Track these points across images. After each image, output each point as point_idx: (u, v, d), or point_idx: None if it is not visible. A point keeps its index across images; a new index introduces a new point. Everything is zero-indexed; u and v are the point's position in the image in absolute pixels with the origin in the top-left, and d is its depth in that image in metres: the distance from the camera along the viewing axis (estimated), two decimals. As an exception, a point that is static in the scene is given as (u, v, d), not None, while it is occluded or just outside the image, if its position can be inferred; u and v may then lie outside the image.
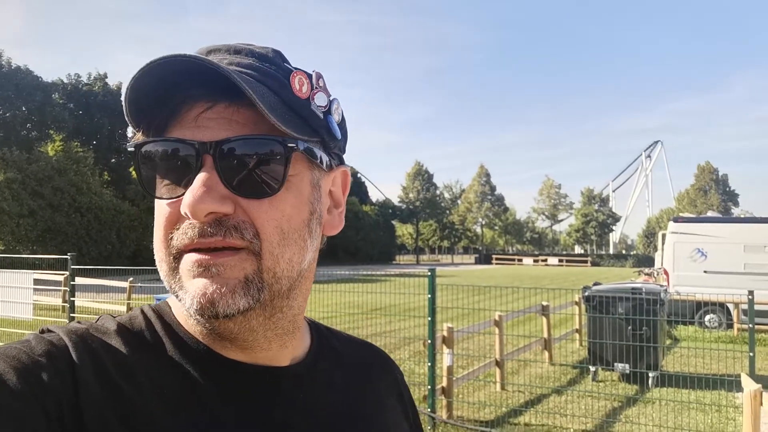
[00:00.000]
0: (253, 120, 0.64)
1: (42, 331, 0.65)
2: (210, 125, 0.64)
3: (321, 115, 0.70)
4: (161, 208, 0.65)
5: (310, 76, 0.70)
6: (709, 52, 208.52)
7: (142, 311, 0.72)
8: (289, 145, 0.65)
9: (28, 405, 0.54)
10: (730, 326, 13.35)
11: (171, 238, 0.64)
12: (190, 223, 0.62)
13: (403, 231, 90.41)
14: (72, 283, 9.11)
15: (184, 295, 0.63)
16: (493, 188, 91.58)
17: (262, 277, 0.64)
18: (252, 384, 0.69)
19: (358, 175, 79.56)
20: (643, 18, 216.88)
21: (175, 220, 0.64)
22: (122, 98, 0.63)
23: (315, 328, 0.85)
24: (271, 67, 0.68)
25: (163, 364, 0.66)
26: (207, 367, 0.67)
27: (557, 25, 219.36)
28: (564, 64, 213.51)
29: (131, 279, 12.25)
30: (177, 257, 0.64)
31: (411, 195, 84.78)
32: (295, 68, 0.71)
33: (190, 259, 0.63)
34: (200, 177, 0.62)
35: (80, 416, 0.57)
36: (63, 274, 11.23)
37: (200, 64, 0.60)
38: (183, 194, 0.62)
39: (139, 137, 0.66)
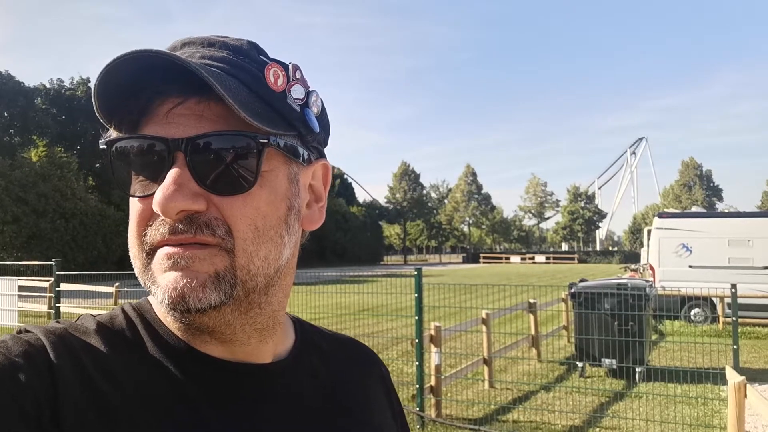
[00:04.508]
0: (225, 115, 0.63)
1: (19, 332, 0.64)
2: (180, 121, 0.63)
3: (298, 108, 0.69)
4: (134, 206, 0.64)
5: (286, 68, 0.69)
6: (690, 49, 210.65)
7: (123, 310, 0.71)
8: (261, 140, 0.63)
9: (5, 406, 0.53)
10: (715, 320, 13.47)
11: (144, 235, 0.63)
12: (162, 220, 0.62)
13: (391, 231, 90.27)
14: (57, 289, 9.03)
15: (157, 289, 0.62)
16: (479, 187, 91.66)
17: (235, 274, 0.63)
18: (234, 381, 0.68)
19: (345, 176, 79.46)
20: (624, 16, 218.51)
21: (147, 217, 0.63)
22: (91, 94, 0.62)
23: (299, 324, 0.84)
24: (245, 60, 0.67)
25: (143, 362, 0.65)
26: (188, 365, 0.66)
27: (540, 24, 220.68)
28: (547, 63, 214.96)
29: (117, 284, 12.19)
30: (150, 253, 0.63)
31: (398, 195, 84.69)
32: (271, 60, 0.69)
33: (161, 253, 0.62)
34: (171, 174, 0.61)
35: (59, 417, 0.56)
36: (48, 281, 11.15)
37: (169, 59, 0.59)
38: (155, 191, 0.62)
39: (112, 134, 0.65)
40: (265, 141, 0.64)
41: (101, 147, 0.65)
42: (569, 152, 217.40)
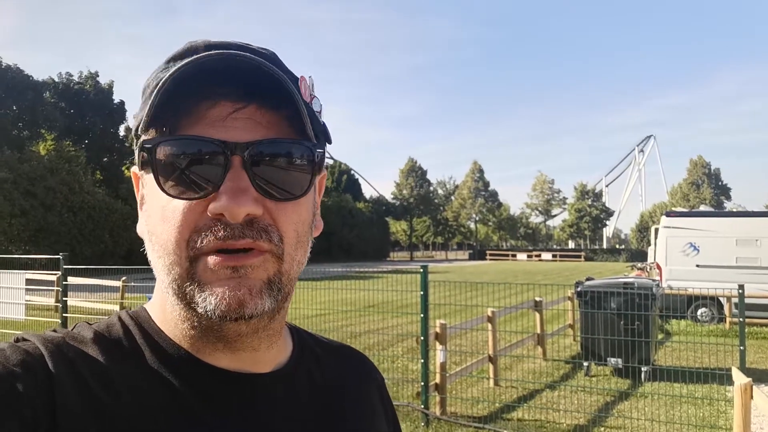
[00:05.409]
0: (275, 122, 0.65)
1: (17, 340, 0.64)
2: (237, 126, 0.63)
3: (321, 120, 0.71)
4: (177, 209, 0.62)
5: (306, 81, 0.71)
6: (696, 46, 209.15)
7: (120, 318, 0.71)
8: (318, 150, 0.66)
9: (4, 415, 0.54)
10: (722, 320, 13.41)
11: (191, 240, 0.62)
12: (221, 224, 0.61)
13: (397, 228, 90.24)
14: (64, 282, 9.07)
15: (208, 296, 0.62)
16: (486, 184, 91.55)
17: (281, 279, 0.65)
18: (234, 391, 0.68)
19: (352, 172, 79.47)
20: (630, 13, 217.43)
21: (195, 221, 0.62)
22: (157, 86, 0.60)
23: (296, 333, 0.84)
24: (282, 70, 0.67)
25: (142, 371, 0.65)
26: (187, 374, 0.66)
27: (545, 22, 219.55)
28: (552, 60, 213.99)
29: (124, 278, 12.21)
30: (195, 259, 0.62)
31: (404, 191, 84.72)
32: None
33: (215, 260, 0.62)
34: (235, 178, 0.61)
35: (57, 426, 0.56)
36: (55, 274, 11.18)
37: (249, 62, 0.61)
38: (205, 194, 0.61)
39: (152, 134, 0.64)
40: (321, 150, 0.67)
41: (146, 147, 0.62)
42: (576, 150, 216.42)
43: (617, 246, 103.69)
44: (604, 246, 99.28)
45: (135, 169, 0.70)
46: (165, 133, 0.63)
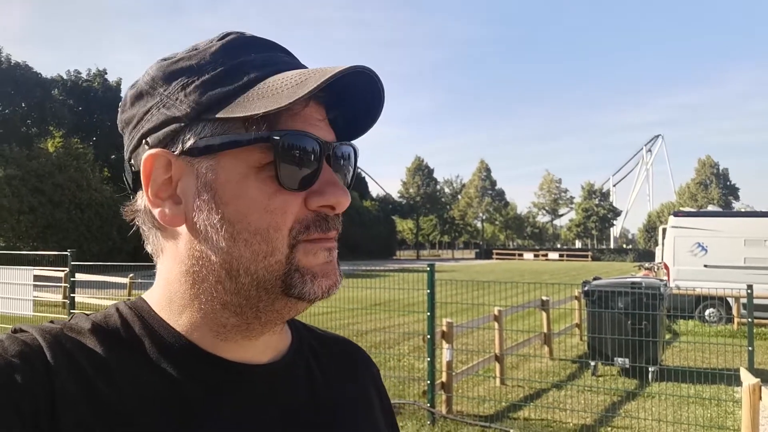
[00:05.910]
0: (328, 122, 0.71)
1: (15, 331, 0.64)
2: (323, 126, 0.68)
3: None
4: (288, 200, 0.65)
5: None
6: (706, 46, 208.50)
7: (117, 309, 0.70)
8: (356, 151, 0.74)
9: (2, 406, 0.54)
10: (730, 320, 13.35)
11: (292, 229, 0.65)
12: (324, 216, 0.67)
13: (404, 226, 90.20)
14: (72, 279, 9.10)
15: (309, 279, 0.66)
16: (493, 183, 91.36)
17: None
18: (234, 381, 0.68)
19: (358, 170, 79.47)
20: (639, 12, 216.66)
21: (297, 211, 0.65)
22: (312, 81, 0.61)
23: (293, 324, 0.84)
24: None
25: (140, 362, 0.65)
26: (187, 363, 0.66)
27: (554, 20, 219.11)
28: (561, 59, 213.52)
29: (131, 275, 12.26)
30: (293, 246, 0.65)
31: (411, 190, 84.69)
32: None
33: (315, 246, 0.66)
34: (329, 173, 0.67)
35: (56, 417, 0.56)
36: (63, 271, 11.23)
37: (368, 74, 0.65)
38: (304, 187, 0.65)
39: (256, 123, 0.63)
40: (358, 152, 0.75)
41: (275, 138, 0.63)
42: (583, 149, 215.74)
43: (624, 246, 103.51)
44: (612, 246, 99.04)
45: (159, 151, 0.65)
46: (267, 125, 0.63)
